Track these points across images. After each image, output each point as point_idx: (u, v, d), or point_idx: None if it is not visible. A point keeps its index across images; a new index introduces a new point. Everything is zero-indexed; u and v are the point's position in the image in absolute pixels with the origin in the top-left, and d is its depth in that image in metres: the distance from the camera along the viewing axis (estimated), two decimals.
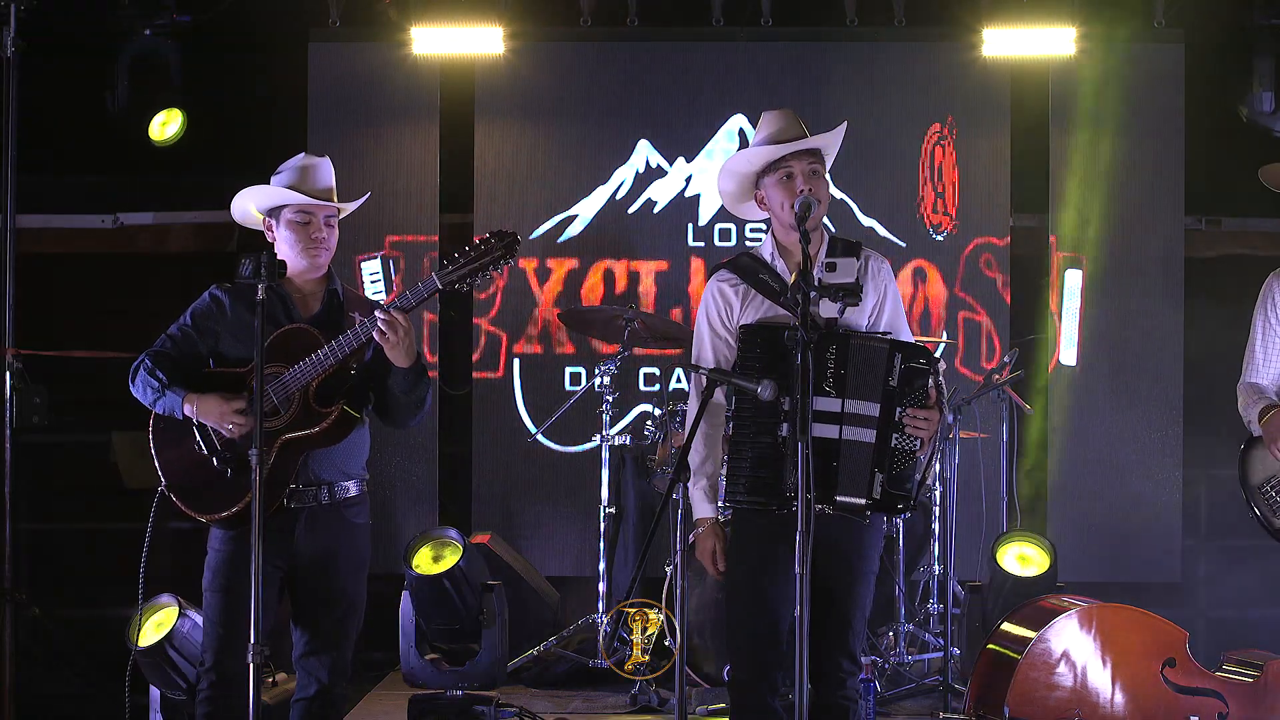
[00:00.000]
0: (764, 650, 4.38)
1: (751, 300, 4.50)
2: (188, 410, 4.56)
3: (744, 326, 4.43)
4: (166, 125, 7.42)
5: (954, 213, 7.63)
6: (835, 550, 4.38)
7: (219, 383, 4.62)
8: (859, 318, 4.48)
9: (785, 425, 4.25)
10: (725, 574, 4.51)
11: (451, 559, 6.31)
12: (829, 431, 4.28)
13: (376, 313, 4.46)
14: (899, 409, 4.30)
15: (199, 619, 5.65)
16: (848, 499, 4.31)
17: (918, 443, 4.32)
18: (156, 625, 5.82)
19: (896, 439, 4.31)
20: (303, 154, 4.79)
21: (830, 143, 4.57)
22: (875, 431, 4.30)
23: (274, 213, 4.72)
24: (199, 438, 4.61)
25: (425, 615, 6.39)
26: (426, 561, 6.36)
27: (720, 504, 4.51)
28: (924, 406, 4.32)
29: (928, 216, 7.63)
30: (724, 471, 4.48)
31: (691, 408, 4.53)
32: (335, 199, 4.74)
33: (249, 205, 4.76)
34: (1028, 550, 6.60)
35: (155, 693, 5.98)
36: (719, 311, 4.54)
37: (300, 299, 4.72)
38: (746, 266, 4.55)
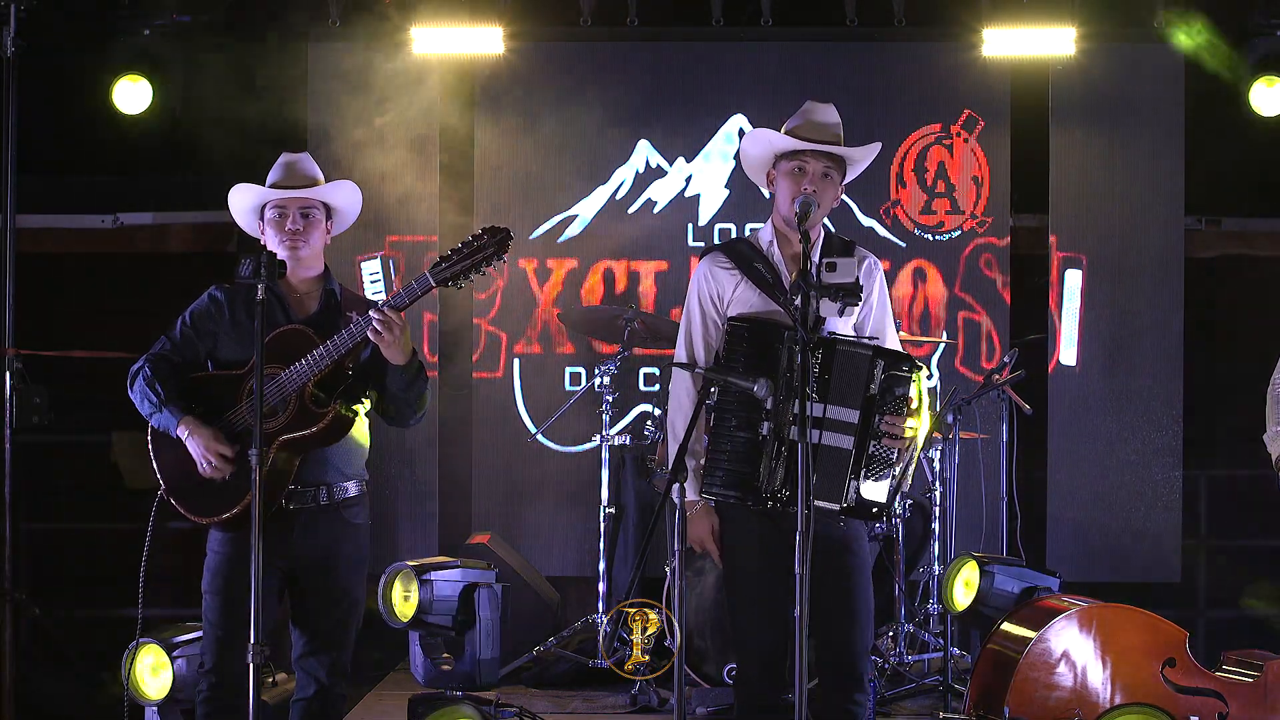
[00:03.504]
0: (772, 648, 4.38)
1: (743, 289, 4.49)
2: (180, 433, 4.56)
3: (732, 319, 4.42)
4: (135, 95, 7.34)
5: (976, 210, 7.61)
6: (832, 551, 4.39)
7: (215, 385, 4.62)
8: (845, 320, 4.48)
9: (766, 424, 4.26)
10: (725, 573, 4.51)
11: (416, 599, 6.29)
12: (809, 436, 4.28)
13: (371, 312, 4.46)
14: (877, 416, 4.31)
15: (183, 650, 5.53)
16: (822, 504, 4.32)
17: (894, 451, 4.33)
18: (153, 670, 5.63)
19: (874, 446, 4.32)
20: (283, 153, 4.81)
21: (855, 156, 4.56)
22: (854, 438, 4.31)
23: (261, 215, 4.74)
24: None
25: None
26: (400, 602, 6.33)
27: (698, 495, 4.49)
28: (903, 414, 4.32)
29: (905, 217, 7.62)
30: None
31: (676, 401, 4.51)
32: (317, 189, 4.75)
33: (242, 211, 4.79)
34: (969, 575, 6.50)
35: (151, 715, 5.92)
36: (710, 293, 4.53)
37: (296, 299, 4.72)
38: (742, 254, 4.54)
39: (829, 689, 4.43)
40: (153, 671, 5.54)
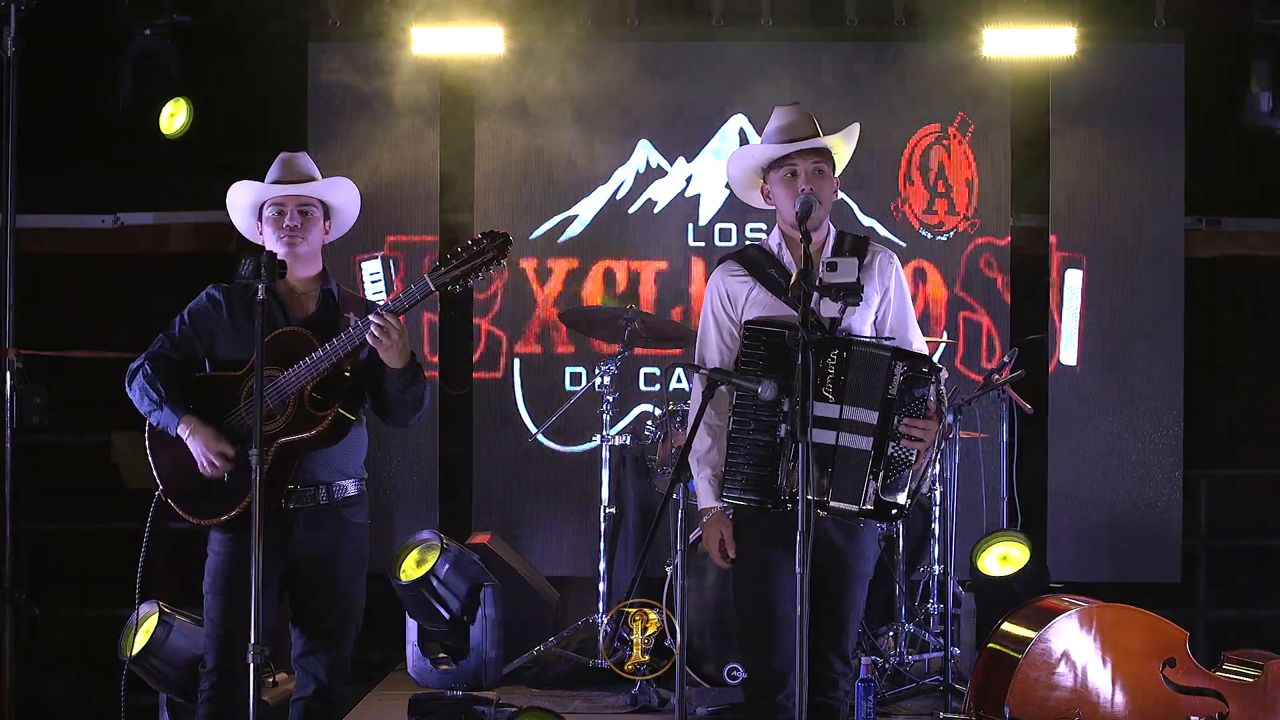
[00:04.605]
0: (777, 653, 4.37)
1: (756, 295, 4.50)
2: (181, 432, 4.56)
3: (748, 323, 4.42)
4: (174, 116, 7.42)
5: (970, 211, 7.62)
6: (833, 551, 4.40)
7: (215, 386, 4.62)
8: (864, 317, 4.47)
9: (784, 426, 4.26)
10: (734, 577, 4.51)
11: (431, 563, 6.31)
12: (825, 437, 4.28)
13: (370, 317, 4.46)
14: (896, 418, 4.30)
15: (180, 622, 5.67)
16: (840, 505, 4.32)
17: (913, 453, 4.32)
18: (145, 633, 5.79)
19: (892, 448, 4.31)
20: (281, 152, 4.81)
21: (839, 144, 4.57)
22: (872, 440, 4.30)
23: (259, 215, 4.74)
24: None
25: (417, 619, 6.42)
26: (411, 567, 6.36)
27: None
28: (922, 416, 4.32)
29: (916, 216, 7.62)
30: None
31: (693, 406, 4.54)
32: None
33: (240, 210, 4.78)
34: (1012, 551, 6.61)
35: (164, 695, 5.99)
36: (723, 304, 4.54)
37: (295, 299, 4.72)
38: (754, 260, 4.55)
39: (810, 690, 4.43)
40: (145, 632, 5.74)
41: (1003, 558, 6.59)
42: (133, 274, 7.88)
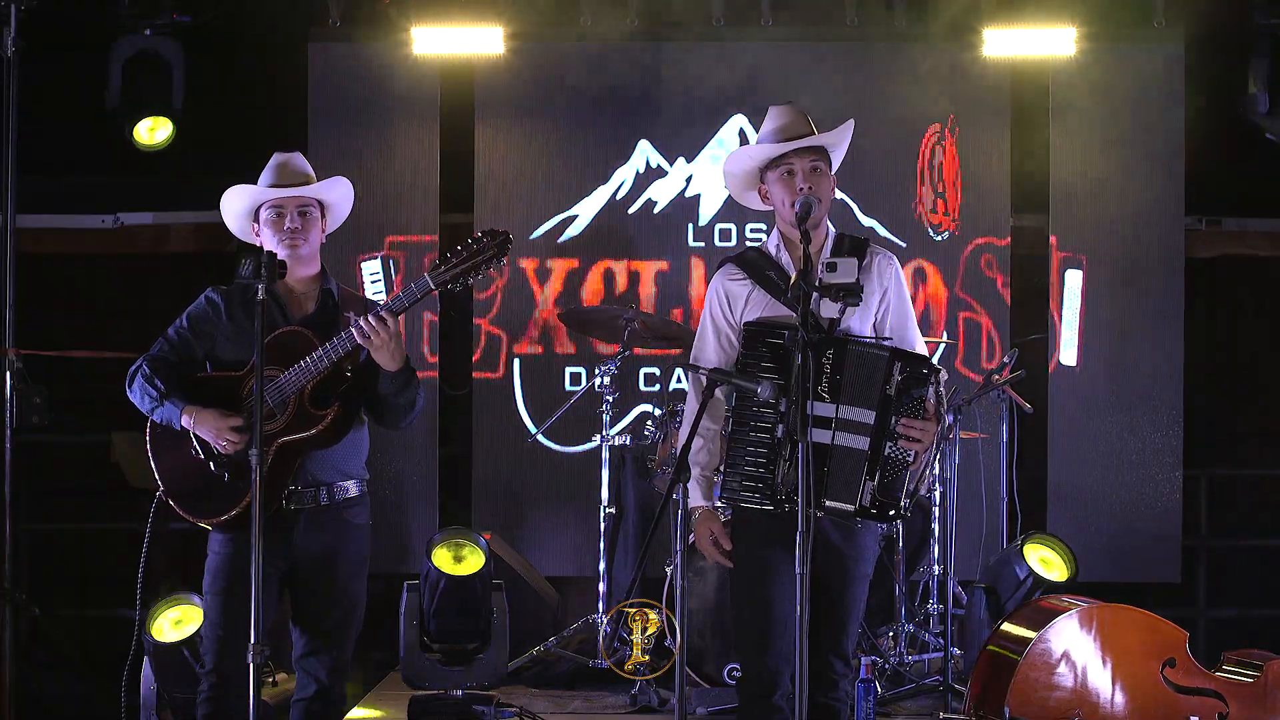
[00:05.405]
0: (773, 653, 4.38)
1: (755, 297, 4.50)
2: (185, 422, 4.56)
3: (747, 324, 4.43)
4: (155, 130, 7.44)
5: (955, 214, 7.62)
6: (832, 552, 4.40)
7: (215, 386, 4.62)
8: (863, 318, 4.48)
9: (781, 426, 4.27)
10: (732, 577, 4.51)
11: (474, 561, 6.30)
12: (822, 437, 4.28)
13: (368, 316, 4.45)
14: (894, 417, 4.30)
15: None
16: (837, 504, 4.32)
17: (911, 453, 4.32)
18: (175, 622, 5.81)
19: (890, 448, 4.31)
20: (275, 153, 4.81)
21: (834, 141, 4.57)
22: (869, 439, 4.30)
23: (256, 217, 4.73)
24: (196, 443, 4.61)
25: (443, 615, 6.38)
26: (448, 561, 6.36)
27: (717, 500, 4.51)
28: (920, 417, 4.32)
29: (926, 216, 7.63)
30: (722, 468, 4.48)
31: (690, 406, 4.54)
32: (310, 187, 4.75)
33: (236, 214, 4.78)
34: (1049, 555, 6.62)
35: (147, 692, 5.96)
36: (722, 308, 4.55)
37: (294, 299, 4.72)
38: (753, 262, 4.56)
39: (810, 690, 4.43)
40: (175, 624, 5.80)
41: (1043, 560, 6.61)
42: (133, 274, 7.88)
